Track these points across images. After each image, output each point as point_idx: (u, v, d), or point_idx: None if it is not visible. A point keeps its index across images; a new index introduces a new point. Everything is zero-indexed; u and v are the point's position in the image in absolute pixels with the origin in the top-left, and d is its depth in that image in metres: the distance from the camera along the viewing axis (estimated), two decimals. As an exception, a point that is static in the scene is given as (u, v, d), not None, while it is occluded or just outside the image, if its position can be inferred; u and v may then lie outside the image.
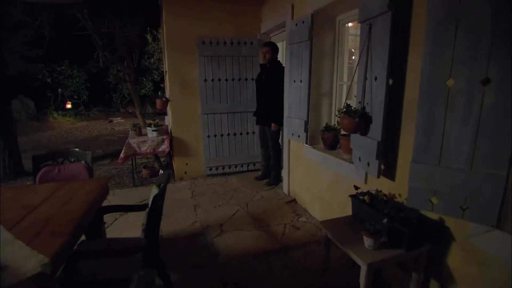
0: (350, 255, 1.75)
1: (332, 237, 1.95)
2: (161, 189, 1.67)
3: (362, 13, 2.15)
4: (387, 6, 1.82)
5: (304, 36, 2.99)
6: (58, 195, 2.01)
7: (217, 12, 4.18)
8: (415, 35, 1.83)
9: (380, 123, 1.99)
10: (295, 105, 3.31)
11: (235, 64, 4.36)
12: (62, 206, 1.81)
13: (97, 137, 8.75)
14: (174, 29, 4.08)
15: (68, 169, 2.65)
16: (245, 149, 4.66)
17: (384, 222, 1.74)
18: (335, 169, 2.79)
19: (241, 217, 3.30)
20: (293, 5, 3.36)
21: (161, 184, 1.88)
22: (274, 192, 4.00)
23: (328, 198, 2.95)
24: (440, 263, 1.77)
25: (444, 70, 1.46)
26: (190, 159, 4.50)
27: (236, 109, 4.48)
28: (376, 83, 2.03)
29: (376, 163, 2.07)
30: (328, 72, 3.12)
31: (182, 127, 4.38)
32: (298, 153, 3.51)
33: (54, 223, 1.58)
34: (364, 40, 2.13)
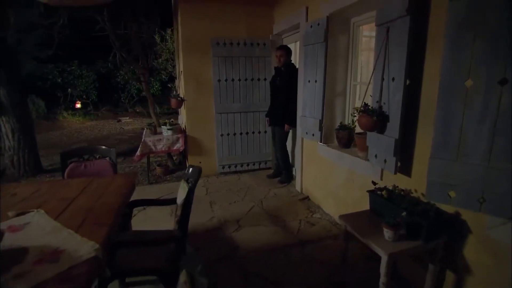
0: (370, 246, 1.85)
1: (352, 230, 2.04)
2: (193, 183, 1.77)
3: (379, 17, 2.25)
4: (406, 10, 1.92)
5: (320, 37, 3.08)
6: (91, 189, 2.12)
7: (231, 13, 4.29)
8: (432, 37, 1.92)
9: (398, 122, 2.09)
10: (309, 105, 3.41)
11: (248, 65, 4.46)
12: (97, 199, 1.93)
13: (107, 136, 8.89)
14: (189, 30, 4.19)
15: (94, 165, 2.76)
16: (256, 147, 4.76)
17: (403, 215, 1.83)
18: (350, 166, 2.88)
19: (256, 213, 3.41)
20: (307, 7, 3.45)
21: (189, 179, 1.99)
22: (286, 189, 4.10)
23: (343, 195, 3.05)
24: (456, 255, 1.86)
25: (463, 71, 1.55)
26: (203, 158, 4.61)
27: (248, 108, 4.59)
28: (394, 83, 2.12)
29: (393, 160, 2.17)
30: (342, 72, 3.22)
31: (196, 126, 4.49)
32: (312, 152, 3.60)
33: (95, 214, 1.69)
34: (381, 43, 2.22)
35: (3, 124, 4.55)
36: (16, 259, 1.26)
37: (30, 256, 1.29)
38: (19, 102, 4.60)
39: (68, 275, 1.15)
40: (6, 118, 4.53)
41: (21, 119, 4.64)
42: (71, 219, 1.64)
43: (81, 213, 1.71)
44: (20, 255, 1.29)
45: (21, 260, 1.25)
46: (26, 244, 1.38)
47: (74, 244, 1.37)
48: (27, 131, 4.77)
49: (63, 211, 1.75)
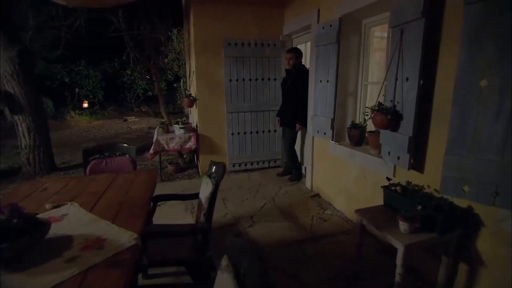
0: (386, 238, 1.93)
1: (368, 223, 2.13)
2: (219, 178, 1.86)
3: (393, 19, 2.33)
4: (421, 13, 2.00)
5: (332, 38, 3.17)
6: (117, 184, 2.22)
7: (242, 14, 4.38)
8: (446, 39, 2.00)
9: (412, 120, 2.17)
10: (320, 104, 3.49)
11: (259, 65, 4.55)
12: (125, 193, 2.02)
13: (115, 135, 9.01)
14: (202, 31, 4.29)
15: (114, 162, 2.87)
16: (266, 146, 4.85)
17: (419, 209, 1.92)
18: (362, 163, 2.97)
19: (269, 210, 3.50)
20: (319, 9, 3.54)
21: (213, 174, 2.08)
22: (297, 187, 4.19)
23: (354, 192, 3.13)
24: (469, 247, 1.94)
25: (478, 71, 1.63)
26: (214, 156, 4.69)
27: (259, 108, 4.68)
28: (408, 83, 2.21)
29: (407, 156, 2.25)
30: (353, 72, 3.30)
31: (208, 125, 4.59)
32: (322, 150, 3.69)
33: (127, 207, 1.79)
34: (395, 44, 2.30)
35: (20, 123, 4.67)
36: (64, 246, 1.36)
37: (75, 243, 1.38)
38: (34, 102, 4.71)
39: (114, 260, 1.25)
40: (23, 117, 4.64)
41: (36, 118, 4.75)
42: (104, 211, 1.74)
43: (113, 206, 1.80)
44: (67, 242, 1.39)
45: (69, 246, 1.35)
46: (69, 233, 1.48)
47: (114, 233, 1.46)
48: (42, 130, 4.88)
49: (95, 204, 1.85)
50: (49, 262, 1.24)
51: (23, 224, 1.26)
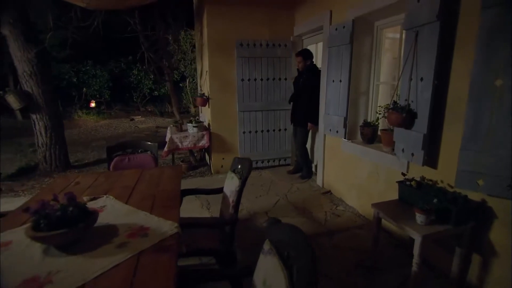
0: (404, 229, 2.04)
1: (385, 216, 2.23)
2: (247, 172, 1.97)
3: (407, 21, 2.43)
4: (436, 17, 2.10)
5: (345, 40, 3.27)
6: (145, 178, 2.33)
7: (254, 15, 4.48)
8: (460, 40, 2.10)
9: (426, 118, 2.28)
10: (333, 103, 3.60)
11: (270, 65, 4.66)
12: (155, 187, 2.14)
13: (123, 134, 9.13)
14: (215, 32, 4.39)
15: (137, 159, 2.98)
16: (277, 144, 4.96)
17: (435, 202, 2.02)
18: (375, 160, 3.07)
19: (283, 206, 3.61)
20: (331, 11, 3.64)
21: (236, 169, 2.19)
22: (308, 184, 4.29)
23: (367, 188, 3.23)
24: (483, 238, 2.04)
25: (493, 71, 1.74)
26: (226, 154, 4.81)
27: (269, 107, 4.78)
28: (422, 83, 2.31)
29: (421, 153, 2.35)
30: (365, 72, 3.40)
31: (220, 123, 4.70)
32: (334, 148, 3.79)
33: (160, 200, 1.90)
34: (409, 46, 2.40)
35: (37, 121, 4.79)
36: (111, 233, 1.47)
37: (121, 231, 1.50)
38: (51, 101, 4.83)
39: (161, 246, 1.36)
40: (40, 115, 4.76)
41: (53, 117, 4.88)
42: (140, 203, 1.85)
43: (147, 199, 1.92)
44: (113, 231, 1.50)
45: (115, 234, 1.46)
46: (112, 222, 1.59)
47: (154, 222, 1.57)
48: (58, 128, 5.00)
49: (129, 197, 1.96)
50: (101, 248, 1.35)
51: (77, 212, 1.38)
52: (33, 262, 1.26)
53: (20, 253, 1.33)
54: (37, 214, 1.34)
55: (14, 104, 4.48)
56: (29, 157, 5.90)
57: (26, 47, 4.42)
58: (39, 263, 1.25)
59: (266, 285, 1.14)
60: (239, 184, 1.96)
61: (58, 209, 1.35)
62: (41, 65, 4.61)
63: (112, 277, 1.14)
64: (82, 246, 1.36)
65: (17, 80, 4.58)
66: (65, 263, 1.24)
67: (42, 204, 1.36)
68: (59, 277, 1.15)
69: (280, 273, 1.06)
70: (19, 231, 1.51)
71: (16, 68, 4.58)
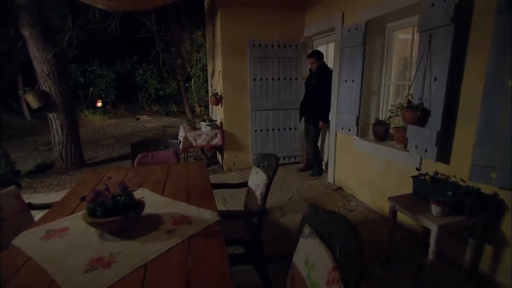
0: (420, 220, 2.17)
1: (401, 209, 2.36)
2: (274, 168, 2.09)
3: (421, 24, 2.55)
4: (451, 20, 2.23)
5: (358, 41, 3.40)
6: (173, 173, 2.46)
7: (266, 17, 4.60)
8: (473, 42, 2.23)
9: (440, 116, 2.40)
10: (345, 102, 3.72)
11: (281, 65, 4.79)
12: (186, 181, 2.27)
13: (131, 133, 9.26)
14: (228, 33, 4.52)
15: (159, 155, 3.11)
16: (287, 143, 5.09)
17: (449, 195, 2.15)
18: (387, 157, 3.19)
19: (297, 202, 3.73)
20: (343, 13, 3.77)
21: (260, 164, 2.32)
22: (319, 181, 4.42)
23: (379, 184, 3.36)
24: (494, 229, 2.17)
25: (505, 72, 1.86)
26: (238, 152, 4.94)
27: (281, 106, 4.91)
28: (436, 83, 2.44)
29: (434, 149, 2.48)
30: (377, 73, 3.53)
31: (232, 122, 4.82)
32: (346, 145, 3.92)
33: (194, 192, 2.03)
34: (423, 47, 2.53)
35: (54, 120, 4.91)
36: (157, 221, 1.60)
37: (165, 219, 1.62)
38: (67, 100, 4.96)
39: (207, 232, 1.49)
40: (57, 114, 4.89)
41: (68, 116, 5.00)
42: (175, 195, 1.97)
43: (181, 191, 2.04)
44: (157, 219, 1.63)
45: (161, 222, 1.59)
46: (154, 212, 1.72)
47: (195, 212, 1.70)
48: (73, 127, 5.13)
49: (163, 190, 2.09)
50: (151, 234, 1.48)
51: (128, 201, 1.50)
52: (93, 245, 1.39)
53: (78, 238, 1.46)
54: (93, 202, 1.47)
55: (33, 103, 4.61)
56: (44, 155, 6.03)
57: (44, 47, 4.55)
58: (99, 246, 1.38)
59: (309, 264, 1.26)
60: (266, 178, 2.08)
61: (112, 198, 1.48)
62: (59, 65, 4.74)
63: (169, 259, 1.27)
64: (132, 232, 1.48)
65: (26, 79, 4.70)
66: (122, 246, 1.37)
67: (96, 193, 1.49)
68: (122, 258, 1.28)
69: (323, 252, 1.19)
70: (72, 219, 1.65)
71: (34, 68, 4.70)
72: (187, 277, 1.14)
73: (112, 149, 7.07)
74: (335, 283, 1.04)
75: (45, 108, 4.80)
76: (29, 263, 1.27)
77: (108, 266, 1.22)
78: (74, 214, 1.73)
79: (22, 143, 7.53)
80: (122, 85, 13.51)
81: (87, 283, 1.13)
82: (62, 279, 1.16)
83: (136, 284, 1.11)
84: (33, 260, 1.28)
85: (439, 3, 2.34)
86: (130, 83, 13.20)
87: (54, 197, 2.33)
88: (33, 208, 2.19)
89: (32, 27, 4.35)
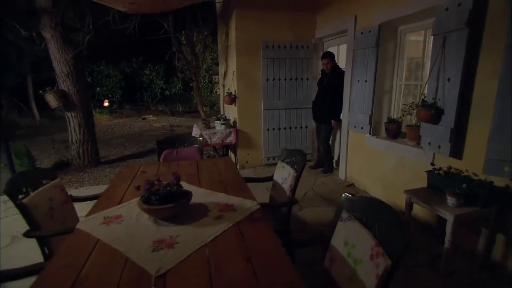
0: (436, 211, 2.33)
1: (417, 200, 2.52)
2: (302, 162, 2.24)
3: (436, 27, 2.71)
4: (465, 24, 2.39)
5: (371, 43, 3.56)
6: (203, 168, 2.62)
7: (279, 19, 4.76)
8: (486, 44, 2.38)
9: (453, 114, 2.56)
10: (358, 101, 3.88)
11: (293, 66, 4.94)
12: (218, 175, 2.42)
13: (139, 132, 9.40)
14: (243, 34, 4.67)
15: (184, 152, 3.26)
16: (298, 141, 5.25)
17: (463, 187, 2.31)
18: (400, 154, 3.35)
19: (312, 197, 3.89)
20: (356, 15, 3.92)
21: (285, 160, 2.48)
22: (331, 178, 4.58)
23: (392, 179, 3.52)
24: (507, 220, 2.33)
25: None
26: (251, 150, 5.10)
27: (292, 105, 5.07)
28: (449, 83, 2.60)
29: (448, 145, 2.64)
30: (389, 73, 3.69)
31: (246, 121, 4.98)
32: (358, 143, 4.08)
33: (230, 184, 2.18)
34: (437, 49, 2.69)
35: (71, 119, 5.06)
36: (203, 209, 1.75)
37: (210, 207, 1.78)
38: (84, 99, 5.11)
39: (253, 218, 1.64)
40: (75, 113, 5.03)
41: (85, 115, 5.15)
42: (212, 187, 2.13)
43: (217, 184, 2.20)
44: (203, 207, 1.78)
45: (208, 209, 1.75)
46: (198, 202, 1.87)
47: (235, 201, 1.86)
48: (90, 126, 5.28)
49: (199, 182, 2.25)
50: (202, 220, 1.64)
51: (179, 190, 1.66)
52: (150, 230, 1.54)
53: (134, 224, 1.61)
54: (148, 191, 1.62)
55: (52, 102, 4.76)
56: (61, 153, 6.17)
57: (64, 49, 4.70)
58: (156, 231, 1.53)
59: (349, 244, 1.42)
60: (295, 172, 2.23)
61: (164, 188, 1.63)
62: (77, 66, 4.89)
63: (225, 240, 1.42)
64: (183, 218, 1.64)
65: (37, 80, 4.83)
66: (179, 230, 1.52)
67: (150, 183, 1.65)
68: (181, 240, 1.43)
69: (363, 232, 1.34)
70: (124, 207, 1.80)
71: (54, 68, 4.84)
72: (247, 253, 1.29)
73: (124, 147, 7.21)
74: (380, 256, 1.19)
75: (63, 107, 4.94)
76: (100, 243, 1.42)
77: (171, 247, 1.37)
78: (122, 204, 1.88)
79: (33, 142, 7.67)
80: (127, 85, 13.67)
81: (157, 260, 1.28)
82: (135, 256, 1.31)
83: (202, 261, 1.26)
84: (102, 242, 1.44)
85: (454, 8, 2.50)
86: (136, 83, 13.34)
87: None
88: (74, 200, 2.36)
89: (53, 29, 4.50)
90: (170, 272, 1.19)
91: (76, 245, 1.43)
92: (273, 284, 1.10)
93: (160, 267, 1.21)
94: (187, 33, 5.05)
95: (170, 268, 1.21)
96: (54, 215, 2.07)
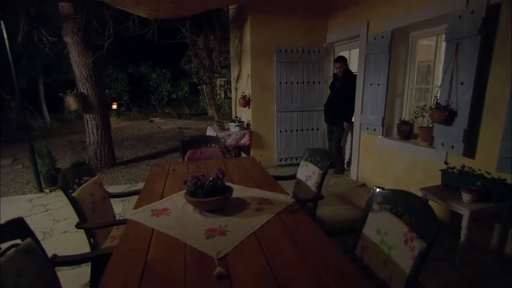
0: (452, 207, 2.48)
1: (433, 197, 2.67)
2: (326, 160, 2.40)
3: (449, 34, 2.87)
4: (478, 31, 2.55)
5: (384, 48, 3.72)
6: (231, 166, 2.77)
7: (291, 24, 4.93)
8: (498, 50, 2.54)
9: (466, 116, 2.72)
10: (370, 104, 4.04)
11: (305, 69, 5.11)
12: (246, 172, 2.57)
13: (149, 134, 9.56)
14: (258, 39, 4.85)
15: (207, 151, 3.41)
16: (310, 142, 5.40)
17: (478, 184, 2.46)
18: (413, 154, 3.50)
19: (326, 196, 4.00)
20: (368, 22, 4.09)
21: (308, 158, 2.63)
22: (342, 179, 4.73)
23: (404, 179, 3.67)
24: (518, 215, 2.48)
25: (530, 77, 2.18)
26: (264, 151, 5.25)
27: (304, 108, 5.23)
28: (462, 86, 2.75)
29: (461, 145, 2.79)
30: (401, 77, 3.84)
31: (259, 123, 5.14)
32: (370, 144, 4.23)
33: (260, 181, 2.33)
34: (450, 54, 2.85)
35: (90, 120, 5.22)
36: (243, 202, 1.90)
37: (249, 201, 1.93)
38: (102, 102, 5.27)
39: (291, 209, 1.79)
40: (93, 115, 5.20)
41: (103, 117, 5.31)
42: (244, 183, 2.28)
43: (248, 180, 2.35)
44: (242, 201, 1.93)
45: (247, 203, 1.90)
46: (236, 196, 2.02)
47: (270, 195, 2.01)
48: (107, 127, 5.44)
49: (231, 179, 2.39)
50: (244, 211, 1.78)
51: (222, 185, 1.81)
52: (199, 220, 1.69)
53: (182, 215, 1.76)
54: (194, 185, 1.77)
55: (72, 104, 4.92)
56: (79, 154, 6.33)
57: (84, 53, 4.87)
58: (204, 221, 1.68)
59: (381, 232, 1.56)
60: (319, 169, 2.39)
61: (209, 182, 1.79)
62: (96, 69, 5.05)
63: (270, 229, 1.57)
64: (226, 210, 1.78)
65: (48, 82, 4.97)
66: (226, 221, 1.67)
67: (195, 178, 1.80)
68: (231, 228, 1.58)
69: (395, 221, 1.49)
70: (168, 201, 1.95)
71: (74, 72, 5.02)
72: (294, 238, 1.44)
73: (136, 149, 7.37)
74: (415, 240, 1.34)
75: (82, 109, 5.10)
76: (155, 232, 1.57)
77: (223, 234, 1.52)
78: (165, 198, 2.03)
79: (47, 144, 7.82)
80: (134, 88, 13.86)
81: (214, 245, 1.43)
82: (192, 242, 1.45)
83: (255, 246, 1.41)
84: (157, 231, 1.58)
85: (467, 16, 2.66)
86: (143, 86, 13.53)
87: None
88: (111, 197, 2.51)
89: (75, 34, 4.67)
90: (229, 255, 1.34)
91: (134, 233, 1.58)
92: (325, 267, 1.24)
93: (219, 251, 1.36)
94: (204, 38, 5.23)
95: (229, 252, 1.36)
96: (96, 209, 2.23)
